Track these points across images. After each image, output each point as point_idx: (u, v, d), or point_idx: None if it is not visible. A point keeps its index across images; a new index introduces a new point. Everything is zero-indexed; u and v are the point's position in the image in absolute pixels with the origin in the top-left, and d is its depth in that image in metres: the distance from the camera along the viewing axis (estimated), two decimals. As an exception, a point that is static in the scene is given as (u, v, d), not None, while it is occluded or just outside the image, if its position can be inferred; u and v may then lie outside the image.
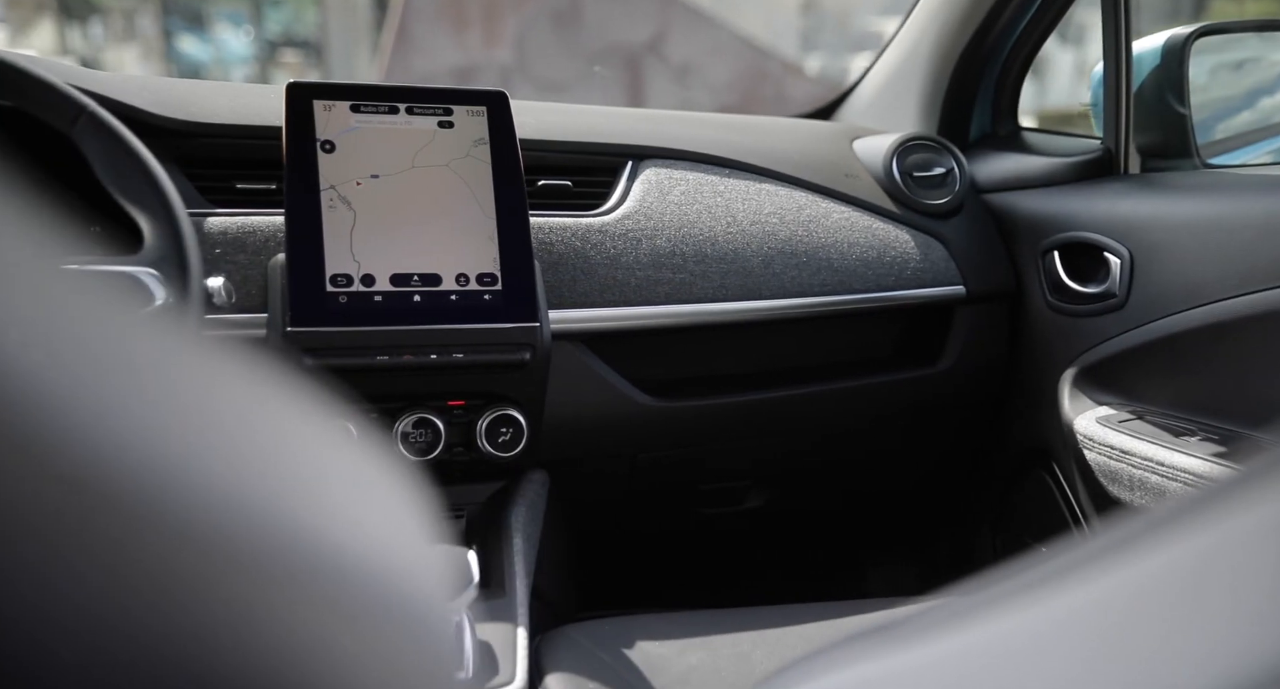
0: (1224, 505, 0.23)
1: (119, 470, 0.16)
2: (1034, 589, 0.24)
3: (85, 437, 0.15)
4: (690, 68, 7.60)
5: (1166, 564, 0.22)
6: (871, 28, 8.48)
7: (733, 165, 1.17)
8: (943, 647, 0.24)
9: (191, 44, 9.32)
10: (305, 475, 0.21)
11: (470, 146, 0.97)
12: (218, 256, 0.91)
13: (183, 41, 9.36)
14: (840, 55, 8.66)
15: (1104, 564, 0.23)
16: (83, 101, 0.77)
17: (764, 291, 1.11)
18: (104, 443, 0.16)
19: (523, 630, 0.85)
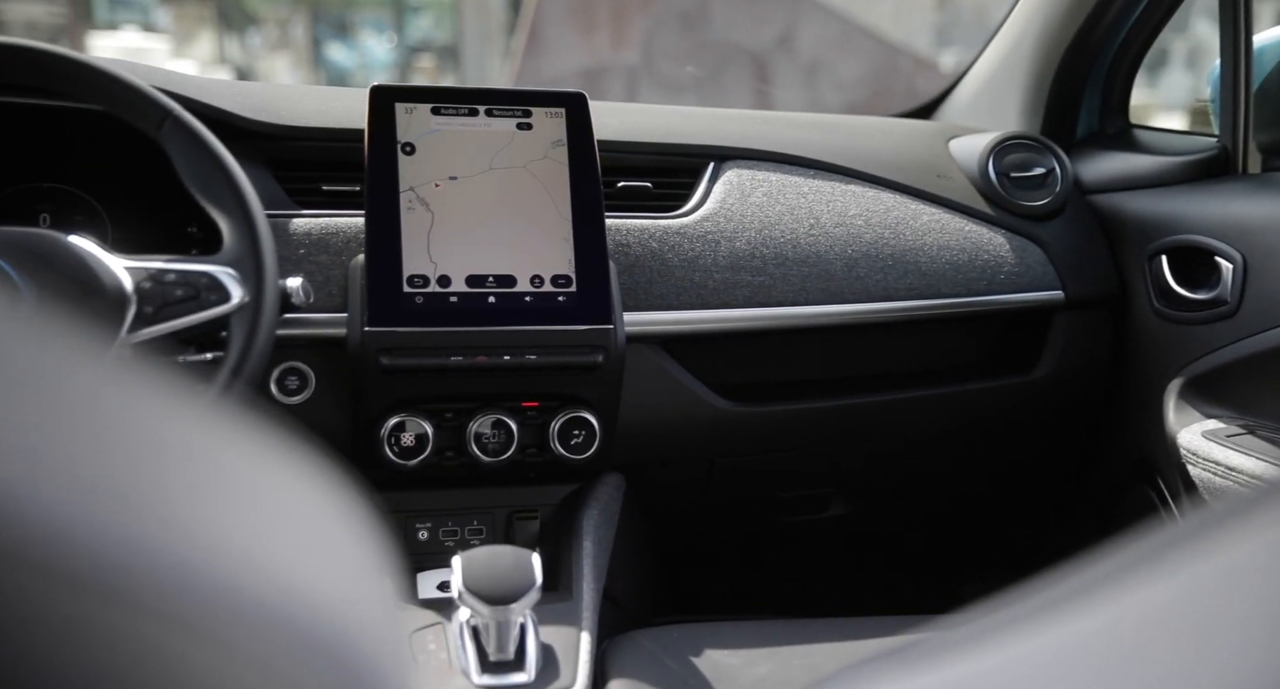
0: (1246, 524, 0.22)
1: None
2: (1071, 603, 0.23)
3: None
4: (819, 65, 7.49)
5: (1193, 580, 0.22)
6: (1011, 21, 8.15)
7: (818, 166, 1.15)
8: (976, 664, 0.24)
9: (338, 51, 9.75)
10: (219, 514, 0.20)
11: (548, 148, 0.98)
12: (301, 257, 0.94)
13: (330, 49, 9.79)
14: (976, 50, 8.37)
15: (1143, 575, 0.23)
16: (168, 106, 0.81)
17: (847, 295, 1.09)
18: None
19: (587, 634, 0.85)
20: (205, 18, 9.51)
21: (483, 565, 0.76)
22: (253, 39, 9.93)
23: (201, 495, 0.20)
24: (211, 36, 9.47)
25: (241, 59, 9.33)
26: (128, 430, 0.19)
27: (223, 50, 9.42)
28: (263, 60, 9.42)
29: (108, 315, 0.73)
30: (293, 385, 0.94)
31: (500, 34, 8.44)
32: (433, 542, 0.99)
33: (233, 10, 9.67)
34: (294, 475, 0.25)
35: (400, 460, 0.94)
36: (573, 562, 0.95)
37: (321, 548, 0.23)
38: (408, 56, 9.57)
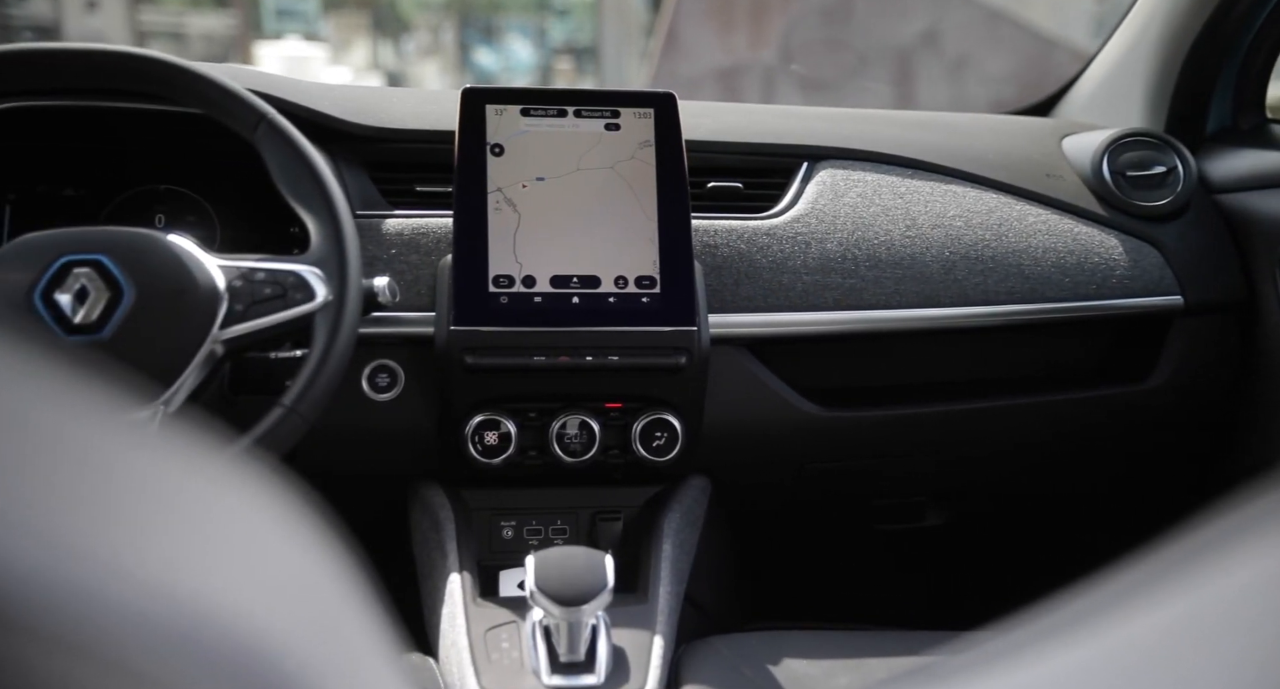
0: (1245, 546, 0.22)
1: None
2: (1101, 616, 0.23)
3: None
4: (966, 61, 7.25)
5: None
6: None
7: (917, 165, 1.12)
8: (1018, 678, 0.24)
9: (484, 55, 10.04)
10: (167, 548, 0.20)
11: (635, 149, 0.98)
12: (393, 256, 0.97)
13: (477, 53, 10.10)
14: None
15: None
16: (262, 109, 0.84)
17: (943, 299, 1.05)
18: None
19: (660, 638, 0.85)
20: (363, 26, 9.96)
21: (555, 566, 0.77)
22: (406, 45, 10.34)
23: (132, 522, 0.19)
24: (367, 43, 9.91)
25: (394, 64, 9.74)
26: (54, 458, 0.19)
27: (376, 56, 9.84)
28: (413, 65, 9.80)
29: (201, 312, 0.77)
30: (383, 383, 0.97)
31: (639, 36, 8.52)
32: (517, 540, 1.00)
33: (387, 18, 10.10)
34: (243, 501, 0.24)
35: (484, 459, 0.96)
36: (651, 564, 0.95)
37: (268, 578, 0.22)
38: (550, 59, 9.78)
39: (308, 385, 0.78)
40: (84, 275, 0.75)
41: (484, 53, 9.99)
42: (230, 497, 0.24)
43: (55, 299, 0.74)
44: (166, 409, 0.76)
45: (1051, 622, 0.24)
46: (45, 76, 0.82)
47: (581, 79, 9.32)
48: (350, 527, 1.14)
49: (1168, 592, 0.23)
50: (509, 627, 0.84)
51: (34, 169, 1.00)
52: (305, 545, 0.25)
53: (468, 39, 10.01)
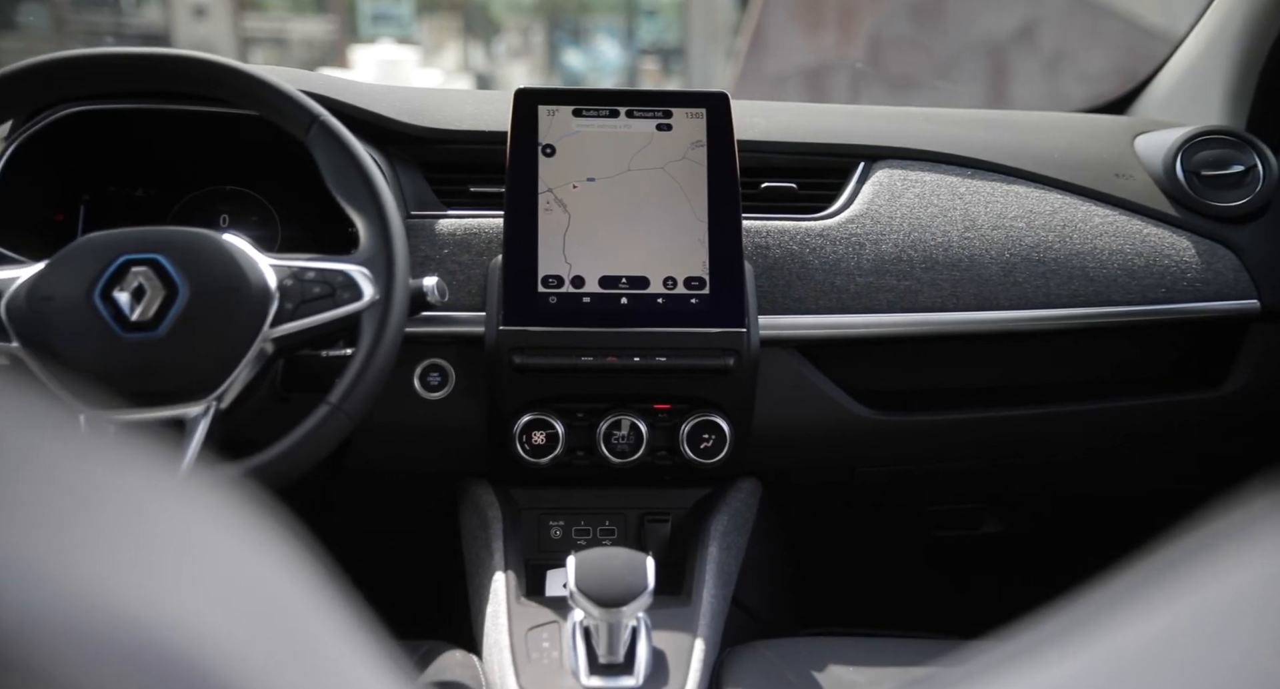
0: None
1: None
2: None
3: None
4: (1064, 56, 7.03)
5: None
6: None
7: (978, 165, 1.09)
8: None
9: (573, 56, 10.13)
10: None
11: (687, 149, 0.98)
12: (445, 256, 0.98)
13: (566, 54, 10.20)
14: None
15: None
16: (315, 110, 0.85)
17: (1002, 301, 1.02)
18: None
19: (701, 641, 0.84)
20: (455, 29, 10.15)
21: (595, 566, 0.77)
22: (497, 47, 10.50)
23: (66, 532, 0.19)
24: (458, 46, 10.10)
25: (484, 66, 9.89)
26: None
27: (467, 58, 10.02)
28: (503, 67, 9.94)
29: (252, 310, 0.79)
30: (434, 382, 0.98)
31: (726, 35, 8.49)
32: (565, 540, 1.00)
33: (479, 21, 10.27)
34: (192, 513, 0.24)
35: (531, 459, 0.96)
36: (696, 567, 0.94)
37: (214, 590, 0.22)
38: (638, 59, 9.82)
39: (353, 384, 0.79)
40: (141, 274, 0.77)
41: (572, 54, 10.09)
42: (179, 509, 0.24)
43: (114, 297, 0.77)
44: (219, 406, 0.79)
45: (1063, 624, 0.25)
46: (110, 80, 0.85)
47: (667, 79, 9.32)
48: (403, 524, 1.17)
49: (1167, 594, 0.23)
50: (551, 627, 0.84)
51: (106, 171, 1.04)
52: (259, 557, 0.24)
53: (557, 41, 10.12)
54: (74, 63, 0.82)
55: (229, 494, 0.25)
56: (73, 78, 0.84)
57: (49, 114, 0.96)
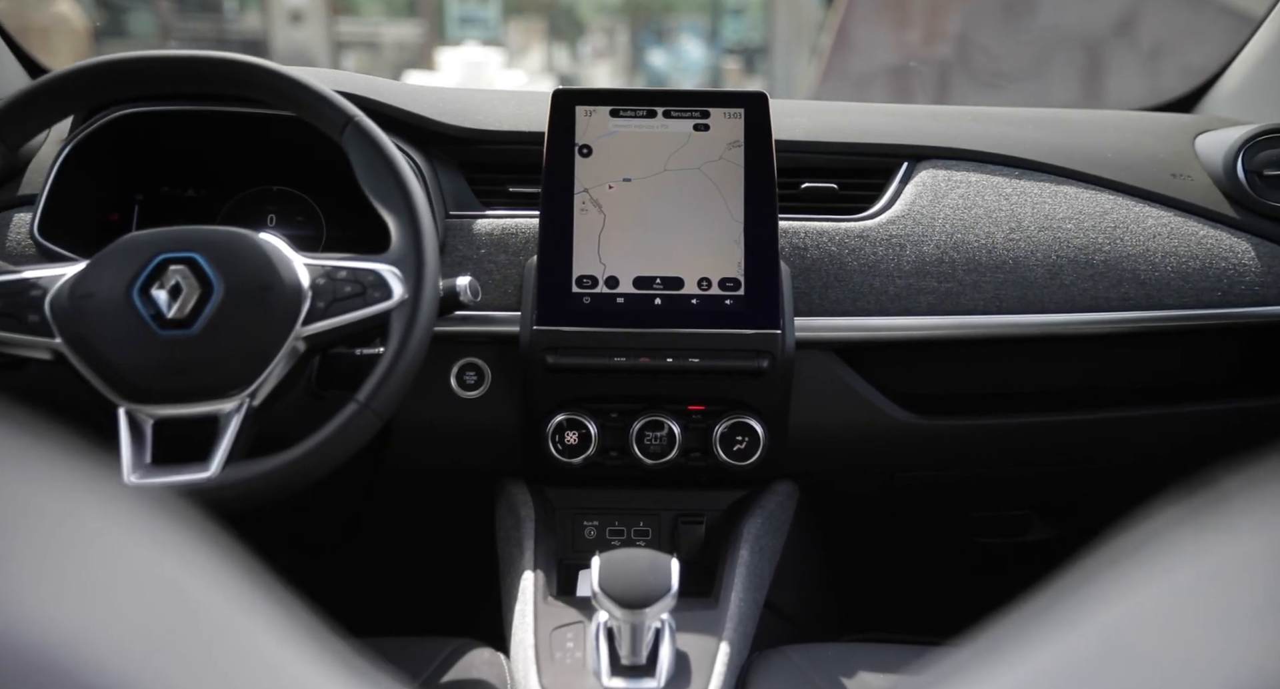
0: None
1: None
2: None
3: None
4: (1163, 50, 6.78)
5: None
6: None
7: (1026, 165, 1.07)
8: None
9: (657, 56, 10.14)
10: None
11: (724, 149, 0.98)
12: (482, 256, 0.99)
13: (651, 55, 10.21)
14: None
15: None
16: (349, 111, 0.86)
17: (1047, 304, 1.00)
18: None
19: (727, 644, 0.84)
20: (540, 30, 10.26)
21: (619, 567, 0.77)
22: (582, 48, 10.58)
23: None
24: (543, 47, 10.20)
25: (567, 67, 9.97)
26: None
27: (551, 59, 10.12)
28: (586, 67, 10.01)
29: (285, 308, 0.80)
30: (471, 380, 0.99)
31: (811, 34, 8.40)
32: (599, 540, 1.00)
33: (564, 22, 10.36)
34: (95, 523, 0.23)
35: (563, 458, 0.97)
36: (726, 569, 0.94)
37: (113, 602, 0.21)
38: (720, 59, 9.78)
39: (381, 382, 0.80)
40: (178, 272, 0.79)
41: (656, 54, 10.10)
42: (94, 523, 0.23)
43: (151, 295, 0.79)
44: (252, 402, 0.80)
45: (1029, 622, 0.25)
46: (154, 82, 0.88)
47: (749, 78, 9.27)
48: (441, 521, 1.19)
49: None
50: (576, 626, 0.85)
51: (159, 172, 1.08)
52: (179, 568, 0.24)
53: (641, 41, 10.14)
54: (119, 66, 0.85)
55: (156, 506, 0.24)
56: (119, 80, 0.87)
57: (101, 116, 0.99)
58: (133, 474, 0.78)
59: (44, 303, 0.80)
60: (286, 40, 9.01)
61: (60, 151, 0.98)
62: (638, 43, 10.13)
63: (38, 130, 0.87)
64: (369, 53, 10.05)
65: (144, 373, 0.79)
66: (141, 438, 0.80)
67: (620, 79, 9.74)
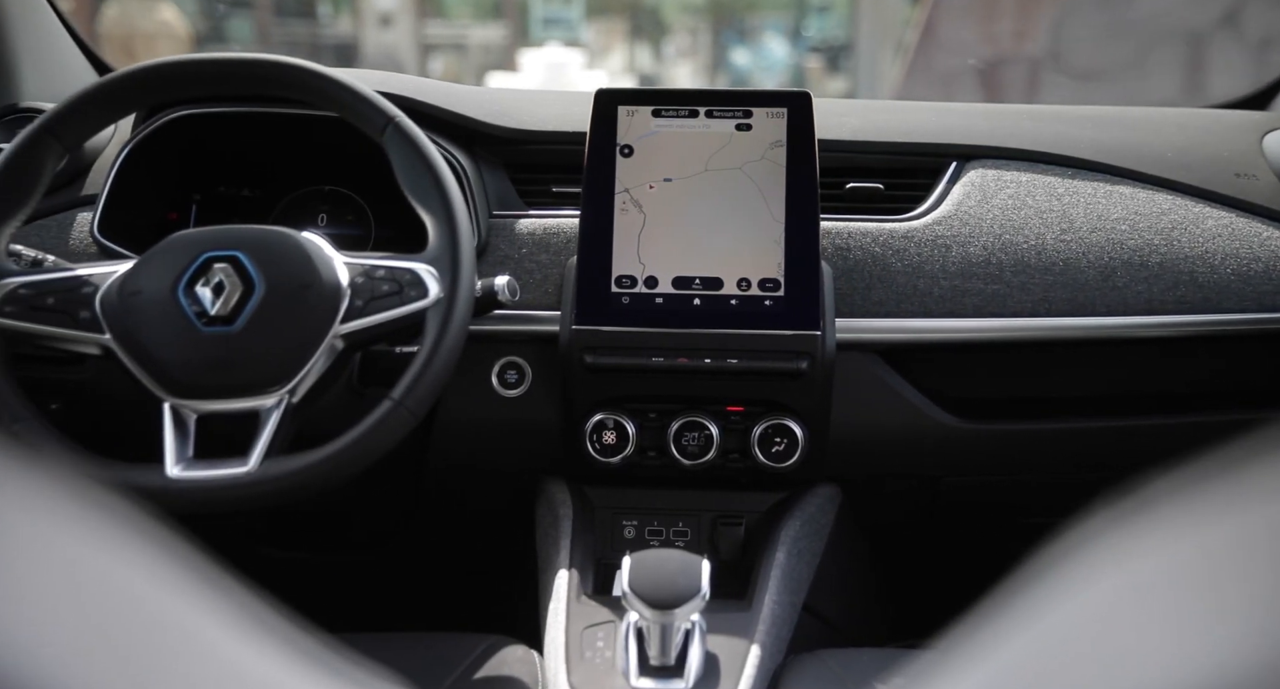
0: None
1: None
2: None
3: None
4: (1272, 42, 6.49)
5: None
6: None
7: (1080, 164, 1.03)
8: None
9: (740, 55, 10.11)
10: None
11: (766, 149, 0.97)
12: (524, 255, 1.00)
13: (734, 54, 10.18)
14: None
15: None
16: (390, 112, 0.87)
17: (1098, 307, 0.97)
18: None
19: (758, 647, 0.83)
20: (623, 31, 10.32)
21: (649, 568, 0.77)
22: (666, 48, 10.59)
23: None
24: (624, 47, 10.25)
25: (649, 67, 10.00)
26: None
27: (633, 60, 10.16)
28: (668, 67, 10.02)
29: (324, 306, 0.81)
30: (512, 379, 1.00)
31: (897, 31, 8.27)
32: (638, 540, 1.00)
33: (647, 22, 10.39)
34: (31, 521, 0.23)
35: (601, 458, 0.97)
36: (761, 571, 0.93)
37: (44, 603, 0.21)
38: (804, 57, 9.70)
39: (415, 380, 0.81)
40: (222, 270, 0.81)
41: (740, 53, 10.06)
42: (24, 521, 0.23)
43: (196, 292, 0.81)
44: (291, 399, 0.82)
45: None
46: (202, 85, 0.90)
47: (831, 77, 9.17)
48: (484, 519, 1.20)
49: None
50: (608, 626, 0.85)
51: (216, 172, 1.11)
52: (119, 566, 0.23)
53: (725, 40, 10.12)
54: (167, 69, 0.88)
55: (106, 507, 0.24)
56: (168, 83, 0.89)
57: (157, 119, 1.03)
58: (175, 467, 0.80)
59: (95, 300, 0.83)
60: (376, 43, 9.25)
61: (119, 153, 1.02)
62: (721, 42, 10.11)
63: (93, 132, 0.90)
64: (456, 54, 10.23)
65: (188, 369, 0.81)
66: (185, 432, 0.82)
67: (702, 78, 9.72)
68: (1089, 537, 0.25)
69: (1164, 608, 0.22)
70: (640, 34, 10.47)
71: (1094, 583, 0.24)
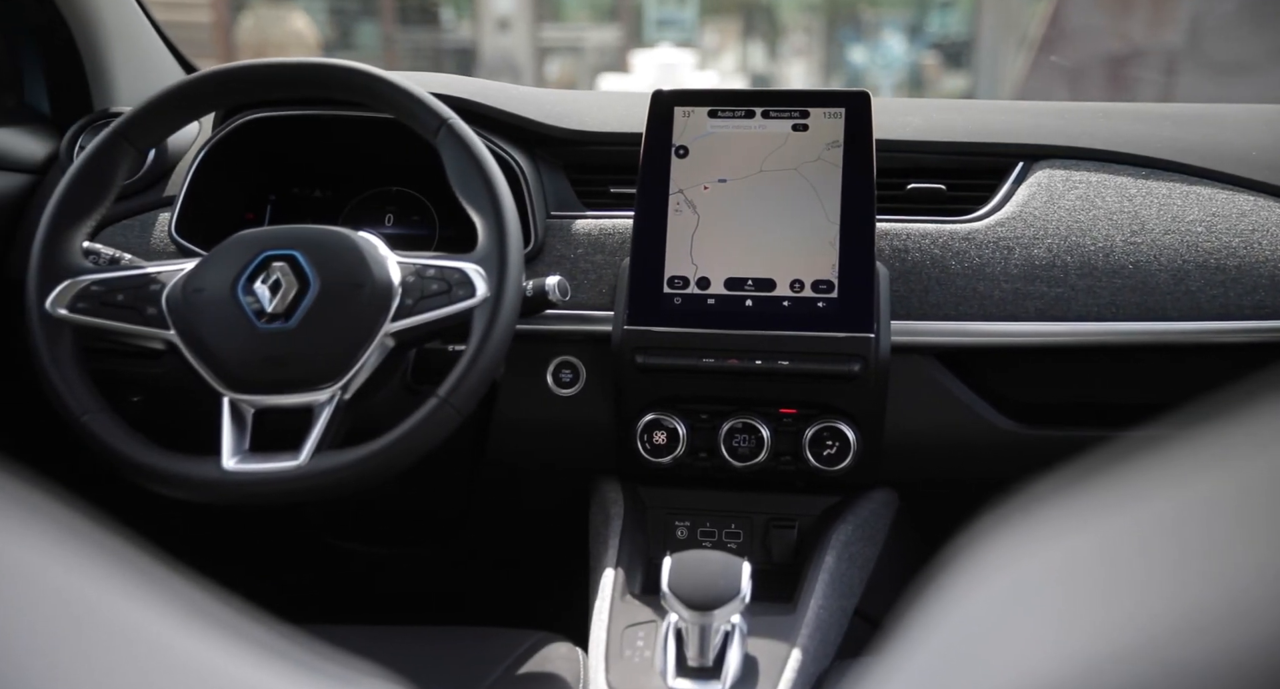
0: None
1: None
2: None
3: None
4: None
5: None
6: None
7: (1154, 164, 0.99)
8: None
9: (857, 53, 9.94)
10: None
11: (822, 149, 0.96)
12: (579, 256, 1.01)
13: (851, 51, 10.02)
14: None
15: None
16: (444, 113, 0.88)
17: (1170, 312, 0.93)
18: None
19: (799, 651, 0.82)
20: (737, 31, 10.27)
21: (689, 569, 0.76)
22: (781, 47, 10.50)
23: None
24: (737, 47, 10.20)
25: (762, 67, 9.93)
26: None
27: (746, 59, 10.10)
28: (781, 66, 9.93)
29: (375, 305, 0.83)
30: (566, 378, 1.01)
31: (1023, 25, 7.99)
32: (690, 541, 1.00)
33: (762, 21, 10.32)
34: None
35: (652, 458, 0.97)
36: (808, 575, 0.92)
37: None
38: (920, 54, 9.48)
39: (461, 378, 0.82)
40: (279, 269, 0.84)
41: (856, 51, 9.88)
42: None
43: (254, 290, 0.84)
44: (343, 395, 0.84)
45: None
46: (264, 88, 0.93)
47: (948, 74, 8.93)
48: (540, 517, 1.22)
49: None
50: (649, 626, 0.85)
51: (292, 173, 1.16)
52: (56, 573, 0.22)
53: (842, 38, 9.96)
54: (228, 74, 0.91)
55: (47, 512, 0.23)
56: (231, 88, 0.93)
57: (229, 123, 1.07)
58: (230, 460, 0.83)
59: (161, 297, 0.86)
60: (494, 47, 9.44)
61: (195, 156, 1.08)
62: (837, 39, 9.96)
63: (164, 136, 0.95)
64: (572, 57, 10.37)
65: (245, 364, 0.83)
66: (243, 426, 0.85)
67: (816, 77, 9.60)
68: (977, 542, 0.26)
69: (1041, 606, 0.22)
70: (754, 33, 10.40)
71: (980, 585, 0.25)
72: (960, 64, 8.94)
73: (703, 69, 8.63)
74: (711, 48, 9.93)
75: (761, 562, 1.00)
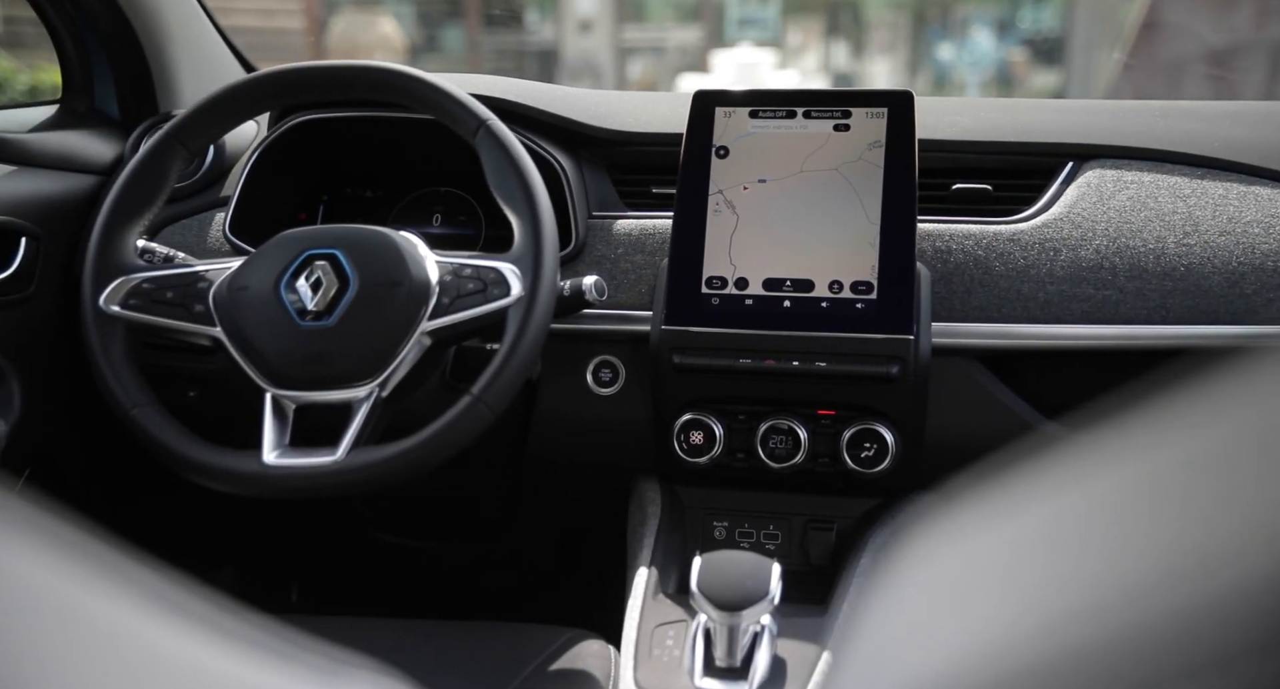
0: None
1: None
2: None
3: None
4: None
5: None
6: None
7: (1210, 164, 0.95)
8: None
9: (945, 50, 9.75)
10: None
11: (864, 150, 0.95)
12: (619, 256, 1.02)
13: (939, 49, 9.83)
14: None
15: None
16: (482, 114, 0.88)
17: (1222, 315, 0.89)
18: None
19: (829, 653, 0.81)
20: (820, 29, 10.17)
21: (718, 569, 0.76)
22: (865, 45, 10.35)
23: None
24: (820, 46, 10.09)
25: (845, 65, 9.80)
26: None
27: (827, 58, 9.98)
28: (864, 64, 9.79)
29: (413, 304, 0.84)
30: (606, 377, 1.01)
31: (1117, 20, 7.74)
32: (728, 541, 1.00)
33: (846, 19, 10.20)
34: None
35: (689, 458, 0.97)
36: (842, 577, 0.91)
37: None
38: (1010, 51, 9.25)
39: (494, 377, 0.82)
40: (321, 267, 0.86)
41: (944, 48, 9.70)
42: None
43: (296, 288, 0.86)
44: (381, 392, 0.85)
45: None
46: (310, 91, 0.94)
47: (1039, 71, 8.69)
48: (581, 514, 1.22)
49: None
50: (679, 625, 0.85)
51: (344, 174, 1.18)
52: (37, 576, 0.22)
53: (929, 35, 9.78)
54: (273, 78, 0.93)
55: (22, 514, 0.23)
56: (278, 91, 0.95)
57: (281, 125, 1.10)
58: (271, 454, 0.85)
59: (209, 294, 0.89)
60: (575, 48, 9.53)
61: (249, 157, 1.11)
62: (924, 36, 9.78)
63: (215, 138, 0.98)
64: (654, 57, 10.39)
65: (287, 360, 0.85)
66: (284, 421, 0.87)
67: (901, 76, 9.44)
68: (909, 538, 0.27)
69: (955, 598, 0.23)
70: (838, 31, 10.28)
71: (909, 574, 0.26)
72: (1052, 61, 8.69)
73: (784, 68, 8.57)
74: (794, 46, 9.84)
75: (799, 563, 0.99)
